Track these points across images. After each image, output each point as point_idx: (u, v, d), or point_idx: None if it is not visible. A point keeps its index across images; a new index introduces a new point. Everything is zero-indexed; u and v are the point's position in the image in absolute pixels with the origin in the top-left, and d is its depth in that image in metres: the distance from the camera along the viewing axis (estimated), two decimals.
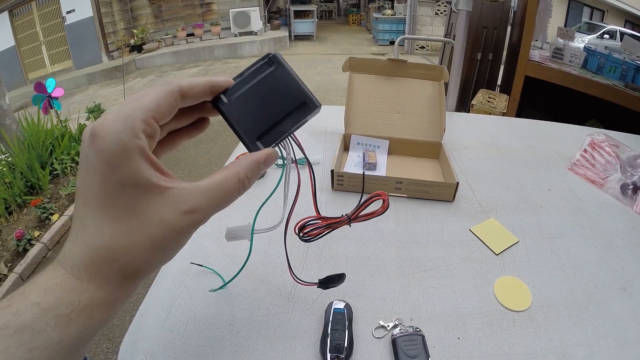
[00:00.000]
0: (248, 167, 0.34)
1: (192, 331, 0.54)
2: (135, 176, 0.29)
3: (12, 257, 2.43)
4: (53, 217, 2.68)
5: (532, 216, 0.80)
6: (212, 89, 0.35)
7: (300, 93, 0.37)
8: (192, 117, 0.38)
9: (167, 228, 0.30)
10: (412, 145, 0.98)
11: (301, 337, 0.53)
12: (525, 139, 1.12)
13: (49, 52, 7.65)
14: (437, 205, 0.81)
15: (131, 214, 0.29)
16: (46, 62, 7.66)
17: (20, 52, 7.35)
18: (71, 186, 2.93)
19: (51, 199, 2.86)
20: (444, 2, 8.03)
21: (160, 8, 8.45)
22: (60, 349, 0.27)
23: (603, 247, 0.72)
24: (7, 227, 2.65)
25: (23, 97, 5.64)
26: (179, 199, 0.30)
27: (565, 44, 2.64)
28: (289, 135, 0.37)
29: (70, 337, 0.27)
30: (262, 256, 0.66)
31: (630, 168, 0.91)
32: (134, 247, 0.29)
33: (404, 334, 0.51)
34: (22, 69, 7.39)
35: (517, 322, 0.56)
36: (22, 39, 7.36)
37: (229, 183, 0.33)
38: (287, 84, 0.37)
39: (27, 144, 3.07)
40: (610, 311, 0.58)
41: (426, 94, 0.99)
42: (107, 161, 0.28)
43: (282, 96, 0.37)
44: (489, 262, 0.67)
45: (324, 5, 12.79)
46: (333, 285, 0.55)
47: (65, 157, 3.21)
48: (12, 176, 2.85)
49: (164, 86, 0.32)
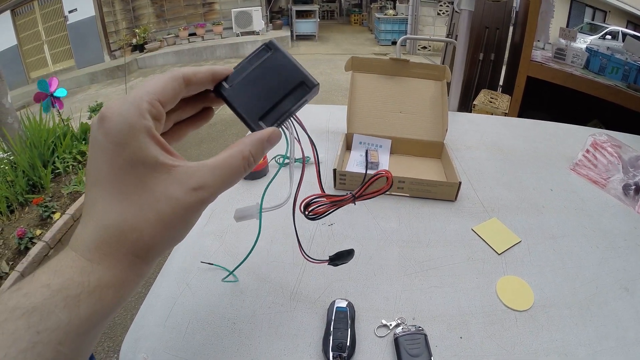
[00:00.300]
0: (252, 144, 0.35)
1: (194, 329, 0.54)
2: (143, 154, 0.30)
3: (14, 255, 2.44)
4: (55, 215, 2.69)
5: (534, 216, 0.80)
6: (213, 76, 0.36)
7: (297, 74, 0.38)
8: (197, 107, 0.40)
9: (175, 204, 0.30)
10: (414, 144, 0.98)
11: (303, 336, 0.53)
12: (528, 139, 1.12)
13: (51, 51, 7.66)
14: (439, 204, 0.81)
15: (140, 192, 0.30)
16: (48, 61, 7.68)
17: (22, 51, 7.36)
18: (73, 185, 2.94)
19: (53, 198, 2.87)
20: (446, 2, 8.03)
21: (163, 8, 8.46)
22: (69, 332, 0.27)
23: (605, 248, 0.72)
24: (8, 225, 2.66)
25: (25, 96, 5.64)
26: (186, 176, 0.31)
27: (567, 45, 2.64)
28: (290, 115, 0.38)
29: (79, 318, 0.27)
30: (264, 255, 0.66)
31: (632, 168, 0.91)
32: (144, 223, 0.30)
33: (406, 333, 0.51)
34: (24, 68, 7.40)
35: (519, 322, 0.56)
36: (24, 38, 7.37)
37: (235, 160, 0.33)
38: (285, 67, 0.38)
39: (29, 143, 3.08)
40: (612, 311, 0.59)
41: (428, 94, 1.00)
42: (115, 140, 0.29)
43: (281, 78, 0.38)
44: (491, 262, 0.67)
45: (326, 5, 12.78)
46: (343, 261, 0.54)
47: (67, 155, 3.22)
48: (14, 174, 2.86)
49: (168, 73, 0.34)
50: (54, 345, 0.26)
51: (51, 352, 0.26)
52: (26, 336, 0.25)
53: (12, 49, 7.17)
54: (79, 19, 7.55)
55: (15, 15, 7.23)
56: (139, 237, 0.30)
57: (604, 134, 1.01)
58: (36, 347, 0.26)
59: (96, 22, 7.63)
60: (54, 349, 0.26)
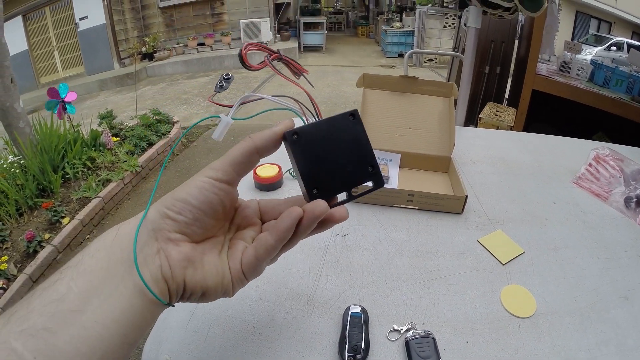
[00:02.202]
0: (261, 137, 0.37)
1: (215, 332, 0.56)
2: None
3: (22, 258, 2.44)
4: (64, 220, 2.70)
5: (538, 228, 0.82)
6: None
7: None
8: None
9: (193, 184, 0.35)
10: (423, 159, 1.00)
11: (320, 339, 0.56)
12: (532, 153, 1.15)
13: (61, 57, 7.72)
14: (446, 217, 0.84)
15: None
16: (58, 67, 7.73)
17: (32, 56, 7.41)
18: (82, 191, 2.95)
19: (62, 203, 2.88)
20: (452, 15, 8.07)
21: (172, 17, 8.54)
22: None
23: (606, 259, 0.74)
24: (17, 228, 2.67)
25: (35, 101, 5.69)
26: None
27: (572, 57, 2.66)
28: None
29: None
30: (281, 263, 0.69)
31: (634, 182, 0.93)
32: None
33: (416, 337, 0.54)
34: (34, 73, 7.45)
35: (522, 328, 0.58)
36: (35, 43, 7.44)
37: (242, 144, 0.36)
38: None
39: (40, 148, 3.09)
40: (612, 319, 0.60)
41: (437, 110, 1.02)
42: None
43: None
44: (495, 272, 0.69)
45: (333, 17, 12.87)
46: None
47: (77, 161, 3.24)
48: (25, 178, 2.88)
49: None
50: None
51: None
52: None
53: (23, 53, 7.21)
54: (89, 26, 7.61)
55: (27, 21, 7.29)
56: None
57: (606, 147, 1.03)
58: None
59: (106, 29, 7.70)
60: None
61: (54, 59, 7.70)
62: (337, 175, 0.37)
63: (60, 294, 0.30)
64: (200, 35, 8.60)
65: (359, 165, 0.38)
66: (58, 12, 7.50)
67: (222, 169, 0.36)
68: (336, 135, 0.37)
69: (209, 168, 0.36)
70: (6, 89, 2.98)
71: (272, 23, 8.89)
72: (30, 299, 0.30)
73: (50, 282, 0.32)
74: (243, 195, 0.87)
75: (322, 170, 0.36)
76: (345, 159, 0.37)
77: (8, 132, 3.18)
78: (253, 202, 0.43)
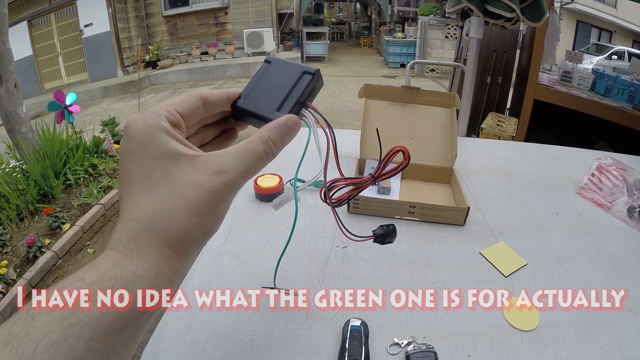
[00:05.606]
0: (270, 129, 0.37)
1: (213, 344, 0.55)
2: (165, 148, 0.33)
3: (22, 263, 2.46)
4: (64, 226, 2.71)
5: (540, 239, 0.81)
6: (228, 96, 0.41)
7: (297, 68, 0.42)
8: (218, 129, 0.44)
9: (200, 189, 0.32)
10: (424, 170, 1.00)
11: (319, 352, 0.55)
12: (534, 163, 1.14)
13: (65, 63, 7.80)
14: (448, 229, 0.83)
15: (166, 182, 0.32)
16: (62, 74, 7.81)
17: (37, 62, 7.49)
18: (83, 197, 2.97)
19: (63, 209, 2.90)
20: (454, 25, 8.12)
21: (176, 26, 8.63)
22: (101, 326, 0.27)
23: (609, 269, 0.73)
24: (18, 233, 2.69)
25: (38, 106, 5.74)
26: (208, 162, 0.33)
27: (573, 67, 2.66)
28: (303, 103, 0.41)
29: (111, 312, 0.28)
30: (280, 275, 0.68)
31: (637, 191, 0.92)
32: (172, 211, 0.31)
33: (417, 351, 0.53)
34: (38, 78, 7.52)
35: (525, 342, 0.58)
36: (39, 49, 7.51)
37: (254, 144, 0.36)
38: (286, 69, 0.42)
39: (42, 153, 3.12)
40: (616, 331, 0.60)
41: (438, 121, 1.02)
42: (138, 142, 0.33)
43: (285, 78, 0.41)
44: (498, 284, 0.69)
45: (335, 27, 13.01)
46: (389, 239, 0.51)
47: (79, 168, 3.26)
48: (26, 183, 2.90)
49: (186, 93, 0.38)
50: (85, 339, 0.26)
51: (82, 346, 0.26)
52: (58, 328, 0.26)
53: (28, 59, 7.29)
54: (94, 33, 7.69)
55: (32, 26, 7.37)
56: (168, 225, 0.31)
57: (609, 157, 1.03)
58: (67, 340, 0.26)
59: (111, 37, 7.78)
60: (86, 343, 0.26)
61: (58, 65, 7.77)
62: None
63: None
64: (203, 44, 8.69)
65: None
66: (63, 19, 7.58)
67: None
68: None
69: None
70: (10, 93, 3.01)
71: (275, 33, 8.98)
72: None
73: None
74: (243, 205, 0.88)
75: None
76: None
77: (11, 137, 3.20)
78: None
